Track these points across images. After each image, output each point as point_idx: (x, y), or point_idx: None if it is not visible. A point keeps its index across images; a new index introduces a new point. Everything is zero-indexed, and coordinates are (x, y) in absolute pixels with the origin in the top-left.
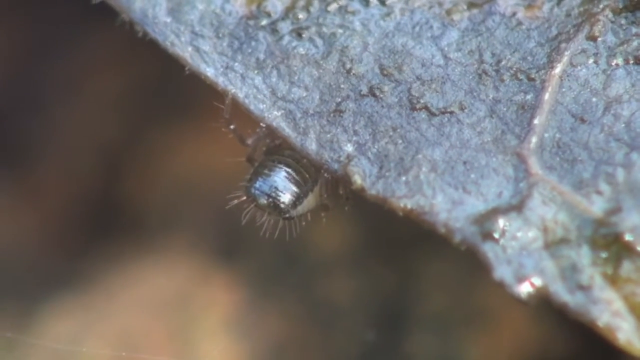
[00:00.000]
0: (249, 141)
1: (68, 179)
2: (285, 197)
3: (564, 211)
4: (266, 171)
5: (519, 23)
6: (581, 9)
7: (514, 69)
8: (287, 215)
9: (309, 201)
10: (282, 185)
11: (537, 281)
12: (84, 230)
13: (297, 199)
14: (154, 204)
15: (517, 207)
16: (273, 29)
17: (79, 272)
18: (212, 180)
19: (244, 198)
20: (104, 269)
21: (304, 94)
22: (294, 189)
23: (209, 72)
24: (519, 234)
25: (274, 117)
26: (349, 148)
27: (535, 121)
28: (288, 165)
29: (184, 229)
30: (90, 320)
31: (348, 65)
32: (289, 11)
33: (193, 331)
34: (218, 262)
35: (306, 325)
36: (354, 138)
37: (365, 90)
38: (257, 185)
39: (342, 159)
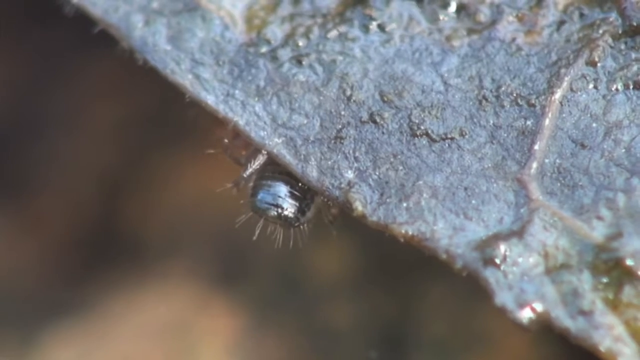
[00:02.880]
0: (243, 160)
1: (68, 206)
2: (292, 205)
3: (564, 237)
4: (268, 182)
5: (519, 49)
6: (581, 34)
7: (514, 94)
8: (297, 223)
9: (316, 206)
10: (286, 193)
11: (539, 307)
12: (84, 258)
13: (305, 205)
14: (154, 231)
15: (518, 232)
16: (273, 56)
17: (78, 299)
18: (211, 207)
19: (251, 214)
20: (103, 296)
21: (305, 121)
22: (298, 194)
23: (210, 99)
24: (520, 260)
25: (275, 144)
26: (350, 175)
27: (536, 147)
28: (288, 174)
29: (184, 255)
30: (90, 347)
31: (348, 92)
32: (288, 38)
33: (193, 357)
34: (218, 288)
35: (306, 351)
36: (355, 165)
37: (365, 116)
38: (260, 197)
39: (343, 185)
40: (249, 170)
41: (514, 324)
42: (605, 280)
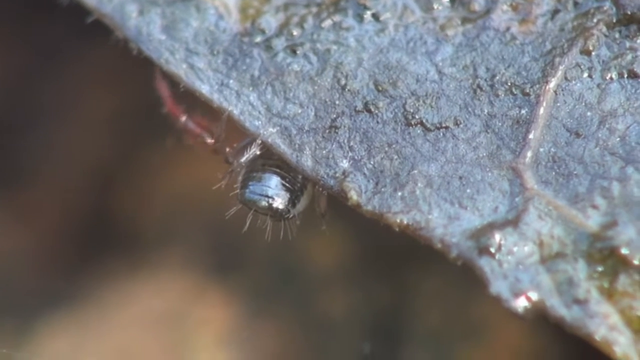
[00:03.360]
0: (231, 159)
1: (62, 197)
2: (282, 196)
3: (559, 225)
4: (258, 174)
5: (513, 38)
6: (575, 23)
7: (509, 83)
8: (287, 215)
9: (306, 198)
10: (277, 184)
11: (534, 296)
12: (79, 248)
13: (295, 197)
14: (148, 221)
15: (513, 221)
16: (267, 45)
17: (74, 289)
18: (206, 197)
19: (241, 206)
20: (98, 286)
21: (299, 111)
22: (288, 186)
23: (204, 89)
24: (515, 249)
25: (270, 133)
26: (345, 164)
27: (531, 136)
28: (277, 166)
29: (179, 245)
30: (85, 337)
31: (343, 82)
32: (283, 28)
33: (188, 347)
34: (213, 278)
35: (301, 341)
36: (350, 154)
37: (360, 106)
38: (250, 188)
39: (337, 175)
40: (243, 159)
41: (509, 312)
42: (600, 269)
